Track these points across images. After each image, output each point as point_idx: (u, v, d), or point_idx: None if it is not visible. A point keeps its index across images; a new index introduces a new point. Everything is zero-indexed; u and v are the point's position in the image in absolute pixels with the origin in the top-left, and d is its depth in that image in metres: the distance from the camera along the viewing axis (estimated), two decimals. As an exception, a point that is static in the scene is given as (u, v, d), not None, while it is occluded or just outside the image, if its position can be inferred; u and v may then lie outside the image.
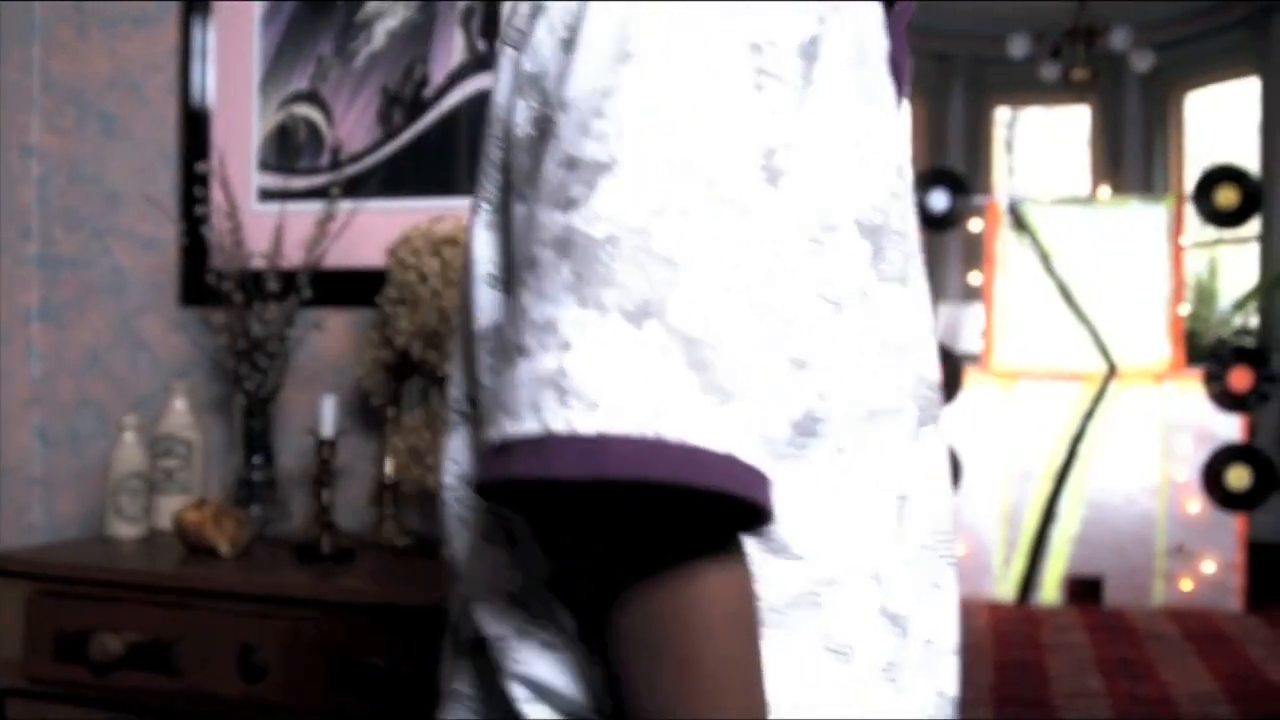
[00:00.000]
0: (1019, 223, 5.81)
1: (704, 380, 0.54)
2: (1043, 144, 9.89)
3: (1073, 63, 6.72)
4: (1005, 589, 5.60)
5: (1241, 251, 8.01)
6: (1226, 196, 5.46)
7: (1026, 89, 8.81)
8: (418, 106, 2.20)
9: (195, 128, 2.33)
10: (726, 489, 0.54)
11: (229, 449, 2.29)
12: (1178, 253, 5.68)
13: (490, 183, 0.72)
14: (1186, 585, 5.55)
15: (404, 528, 2.11)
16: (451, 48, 2.18)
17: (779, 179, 0.60)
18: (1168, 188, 8.06)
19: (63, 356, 2.43)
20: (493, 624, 0.67)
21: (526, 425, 0.55)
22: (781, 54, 0.60)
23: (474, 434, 0.73)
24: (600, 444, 0.53)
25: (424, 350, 1.85)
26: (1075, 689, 4.25)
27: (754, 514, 0.57)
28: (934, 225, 5.70)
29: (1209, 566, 5.53)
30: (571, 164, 0.58)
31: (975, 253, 6.42)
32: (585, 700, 0.65)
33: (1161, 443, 5.53)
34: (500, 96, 0.70)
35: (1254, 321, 7.66)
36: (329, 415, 1.98)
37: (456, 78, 2.18)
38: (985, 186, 8.65)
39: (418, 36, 2.19)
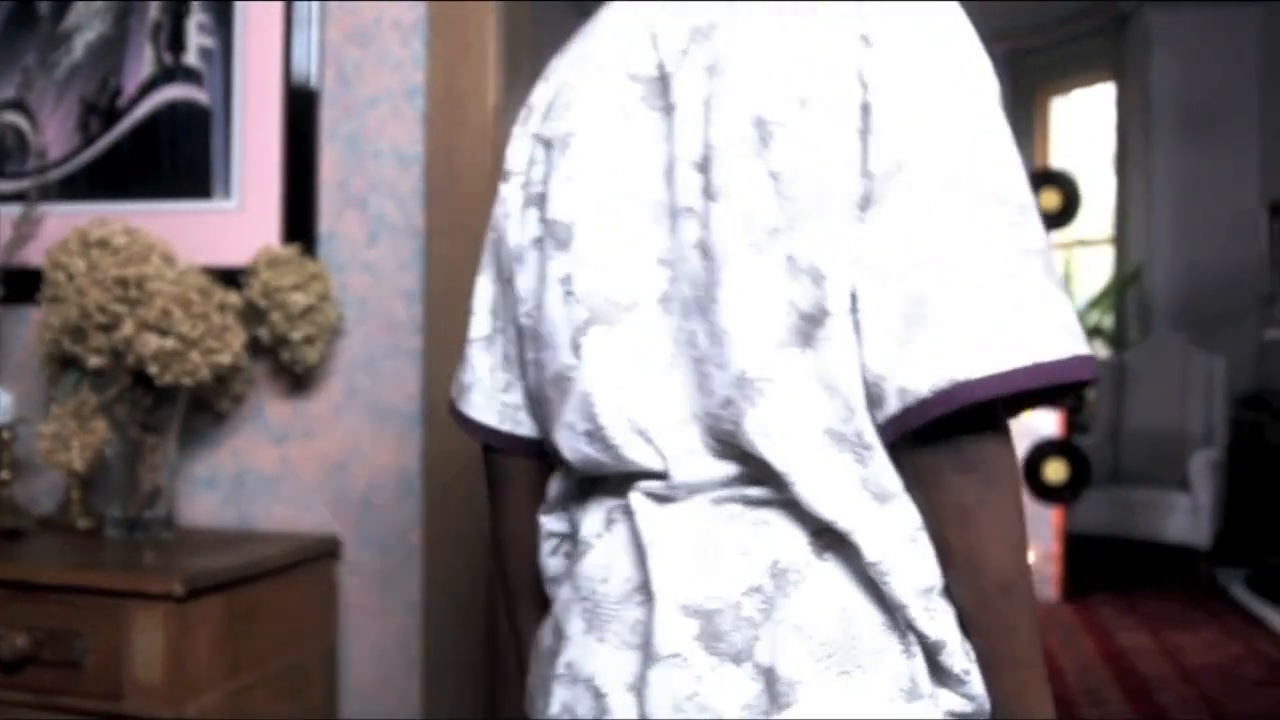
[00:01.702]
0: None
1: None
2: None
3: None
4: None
5: (1096, 252, 8.26)
6: (1049, 199, 5.65)
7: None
8: (112, 115, 2.33)
9: (-85, 131, 2.45)
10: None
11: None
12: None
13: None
14: (1007, 574, 5.76)
15: (88, 510, 2.26)
16: (142, 60, 2.32)
17: None
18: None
19: None
20: (845, 521, 0.92)
21: (1041, 345, 0.87)
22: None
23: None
24: (1081, 360, 0.89)
25: (72, 344, 1.99)
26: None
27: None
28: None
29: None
30: (941, 155, 0.91)
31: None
32: (911, 570, 0.92)
33: (985, 437, 5.73)
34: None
35: (1109, 321, 7.89)
36: (-3, 404, 2.12)
37: (147, 88, 2.32)
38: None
39: (112, 50, 2.33)
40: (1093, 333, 7.79)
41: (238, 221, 2.27)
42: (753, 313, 0.92)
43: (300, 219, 2.23)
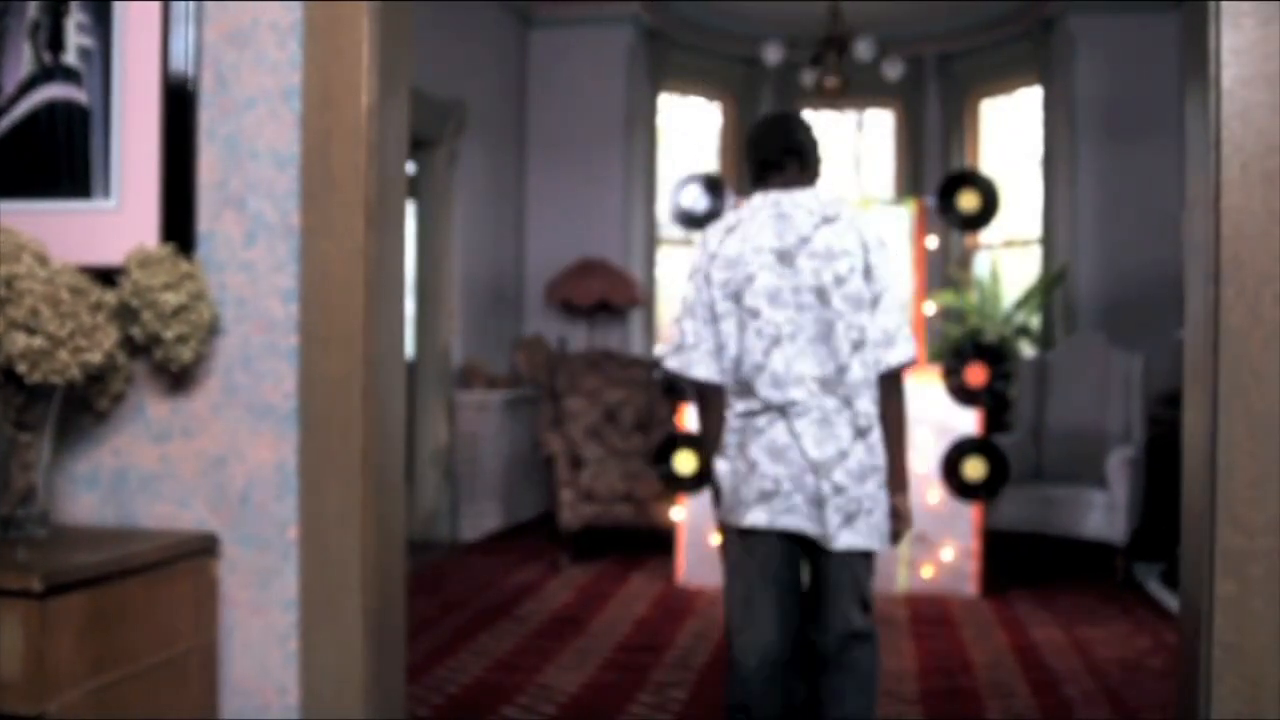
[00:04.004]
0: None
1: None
2: (846, 145, 10.04)
3: (827, 71, 6.99)
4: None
5: (1026, 252, 8.39)
6: (969, 201, 5.73)
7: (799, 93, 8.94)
8: (-8, 114, 2.34)
9: None
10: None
11: None
12: (920, 253, 5.97)
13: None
14: (927, 572, 5.85)
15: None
16: (20, 59, 2.32)
17: None
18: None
19: None
20: (872, 421, 3.02)
21: (911, 350, 3.06)
22: None
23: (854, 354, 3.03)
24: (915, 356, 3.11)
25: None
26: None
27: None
28: (696, 224, 5.89)
29: (947, 554, 5.83)
30: (887, 286, 3.05)
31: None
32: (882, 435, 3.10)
33: (905, 435, 5.80)
34: (854, 246, 3.03)
35: (1035, 321, 8.01)
36: None
37: (26, 88, 2.32)
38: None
39: (-9, 48, 2.34)
40: (1020, 332, 7.91)
41: (117, 221, 2.28)
42: (843, 342, 2.93)
43: (179, 219, 2.25)
